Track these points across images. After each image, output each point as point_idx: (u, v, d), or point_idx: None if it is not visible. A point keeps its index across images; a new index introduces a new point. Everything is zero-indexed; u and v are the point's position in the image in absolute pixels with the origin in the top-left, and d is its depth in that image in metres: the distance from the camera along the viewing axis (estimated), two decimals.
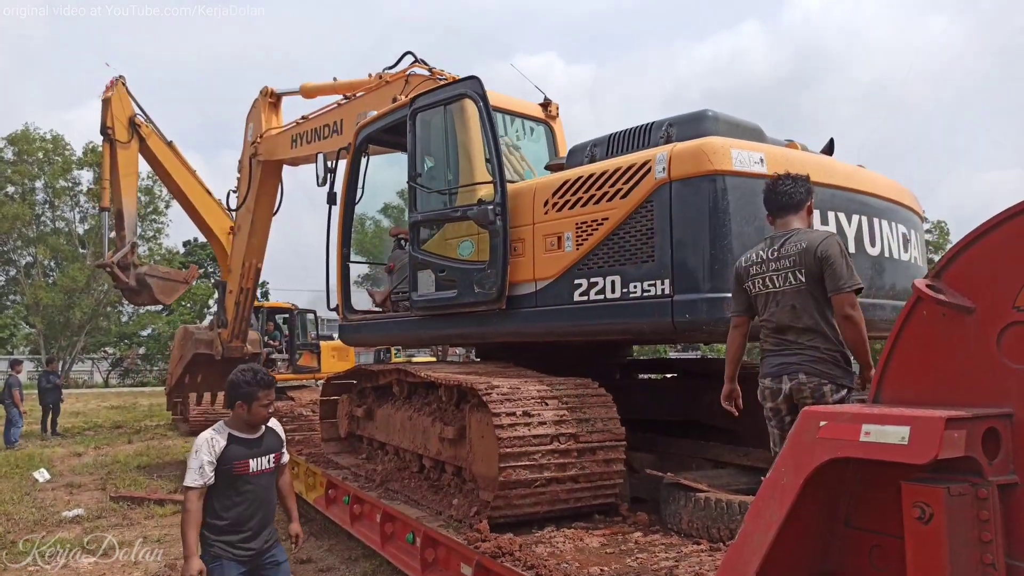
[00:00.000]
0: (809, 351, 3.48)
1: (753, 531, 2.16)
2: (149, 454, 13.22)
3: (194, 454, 3.55)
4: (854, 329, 3.37)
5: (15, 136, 40.27)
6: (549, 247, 4.94)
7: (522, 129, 6.27)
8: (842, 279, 3.36)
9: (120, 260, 14.40)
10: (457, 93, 5.57)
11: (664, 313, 4.25)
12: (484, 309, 5.32)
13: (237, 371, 3.72)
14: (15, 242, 41.64)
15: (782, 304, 3.52)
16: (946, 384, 2.02)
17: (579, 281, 4.72)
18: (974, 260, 2.01)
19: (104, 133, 15.35)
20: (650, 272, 4.35)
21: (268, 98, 9.36)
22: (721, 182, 4.11)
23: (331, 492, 6.55)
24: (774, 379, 3.59)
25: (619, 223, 4.50)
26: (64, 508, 8.67)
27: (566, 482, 4.34)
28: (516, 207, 5.20)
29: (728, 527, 3.91)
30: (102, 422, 19.76)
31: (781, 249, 3.55)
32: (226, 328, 10.75)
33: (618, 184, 4.54)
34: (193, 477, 3.53)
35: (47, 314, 40.06)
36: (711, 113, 4.67)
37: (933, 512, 1.82)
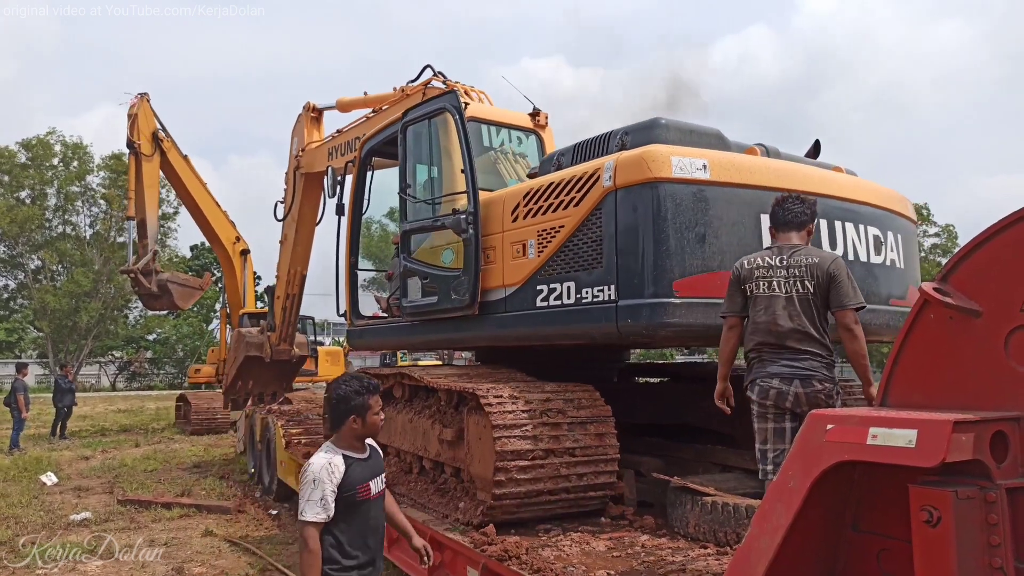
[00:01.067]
0: (817, 358, 3.60)
1: (760, 534, 2.16)
2: (156, 458, 13.26)
3: (311, 484, 3.01)
4: (855, 343, 3.54)
5: (29, 142, 40.60)
6: (516, 254, 5.04)
7: (509, 139, 6.40)
8: (848, 296, 3.55)
9: (143, 267, 15.50)
10: (438, 107, 5.76)
11: (610, 318, 4.32)
12: (460, 315, 5.45)
13: (339, 384, 3.25)
14: (23, 246, 41.88)
15: (787, 309, 3.62)
16: (953, 387, 2.02)
17: (541, 287, 4.82)
18: (981, 263, 2.01)
19: (130, 146, 16.48)
20: (599, 278, 4.43)
21: (310, 113, 9.65)
22: (661, 189, 4.17)
23: None
24: (783, 380, 3.64)
25: (573, 231, 4.60)
26: (72, 512, 8.70)
27: (560, 484, 4.39)
28: (488, 216, 5.32)
29: (735, 531, 3.90)
30: (109, 426, 19.84)
31: (790, 259, 3.67)
32: (274, 332, 11.13)
33: (572, 193, 4.63)
34: (315, 511, 2.99)
35: (54, 318, 40.27)
36: (663, 121, 4.72)
37: (941, 515, 1.81)
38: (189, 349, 43.96)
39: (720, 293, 4.04)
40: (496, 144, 6.29)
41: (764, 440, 3.74)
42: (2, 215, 39.13)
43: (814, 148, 5.70)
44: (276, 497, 9.15)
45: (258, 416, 10.52)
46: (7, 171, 40.40)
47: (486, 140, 6.15)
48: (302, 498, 3.02)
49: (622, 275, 4.29)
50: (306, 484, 3.03)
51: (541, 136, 6.64)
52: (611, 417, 4.64)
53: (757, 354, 3.76)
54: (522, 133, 6.53)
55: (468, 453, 4.73)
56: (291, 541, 7.40)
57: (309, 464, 3.07)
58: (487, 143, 6.16)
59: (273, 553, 6.90)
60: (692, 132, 4.77)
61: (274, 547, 7.16)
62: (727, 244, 4.29)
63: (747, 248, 4.26)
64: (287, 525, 8.15)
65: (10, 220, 39.10)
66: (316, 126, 9.72)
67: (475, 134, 6.00)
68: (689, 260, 4.19)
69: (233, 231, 18.66)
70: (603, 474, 4.52)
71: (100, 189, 42.34)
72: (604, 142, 4.98)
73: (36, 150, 40.64)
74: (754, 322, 3.75)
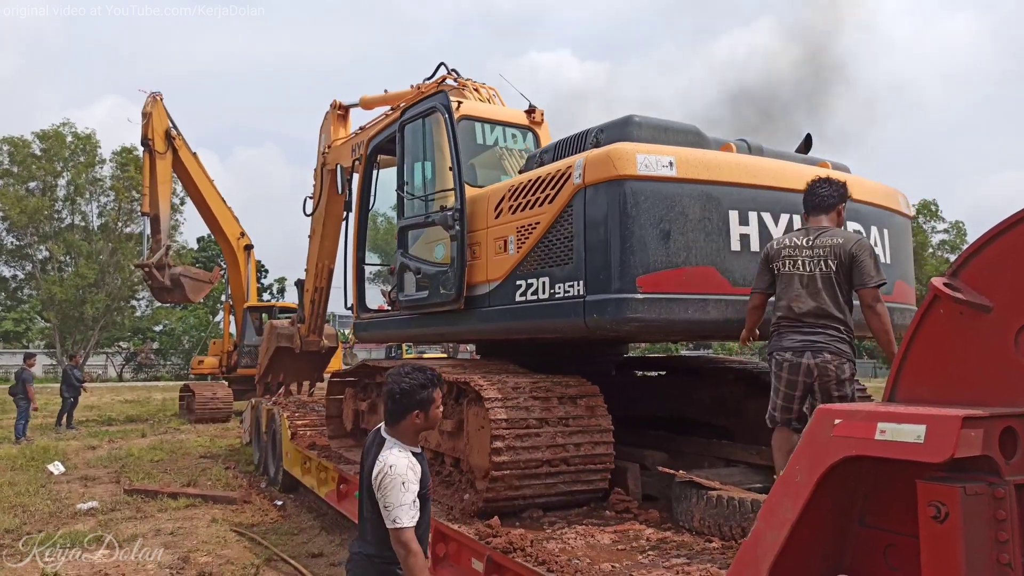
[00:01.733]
0: (832, 332, 3.82)
1: (766, 529, 2.15)
2: (163, 448, 13.32)
3: (401, 487, 2.81)
4: (879, 319, 3.75)
5: (45, 133, 40.74)
6: (498, 250, 5.12)
7: (504, 136, 6.46)
8: (870, 275, 3.77)
9: (157, 261, 16.33)
10: (430, 106, 5.88)
11: (578, 313, 4.40)
12: (448, 309, 5.56)
13: (400, 377, 3.03)
14: (31, 237, 42.05)
15: (809, 287, 3.86)
16: (963, 383, 2.01)
17: (520, 282, 4.90)
18: (992, 259, 1.99)
19: (145, 144, 17.17)
20: (569, 274, 4.51)
21: (337, 110, 9.84)
22: (626, 186, 4.23)
23: (343, 487, 6.58)
24: (795, 353, 3.88)
25: (548, 227, 4.66)
26: (79, 501, 8.75)
27: (555, 474, 4.49)
28: (474, 212, 5.41)
29: (740, 525, 3.90)
30: (116, 416, 19.93)
31: (816, 240, 3.90)
32: (304, 324, 11.53)
33: (547, 190, 4.70)
34: (411, 514, 2.81)
35: (61, 309, 40.45)
36: (637, 118, 4.77)
37: (949, 511, 1.80)
38: (195, 340, 44.12)
39: (684, 289, 4.25)
40: (491, 141, 6.35)
41: (776, 391, 4.04)
42: (12, 205, 39.31)
43: (805, 143, 5.75)
44: (281, 488, 9.18)
45: (263, 407, 10.56)
46: (20, 161, 40.55)
47: (480, 138, 6.23)
48: (392, 503, 2.79)
49: (590, 271, 4.36)
50: (394, 488, 2.80)
51: (537, 133, 6.69)
52: (604, 403, 4.73)
53: (777, 328, 4.01)
54: (518, 130, 6.59)
55: (467, 444, 4.82)
56: (296, 531, 7.44)
57: (391, 466, 2.83)
58: (481, 141, 6.23)
59: (278, 543, 6.93)
60: (667, 129, 4.82)
61: (279, 537, 7.20)
62: (693, 240, 4.34)
63: (714, 244, 4.36)
64: (292, 515, 8.19)
65: (19, 211, 39.27)
66: (343, 123, 9.89)
67: (469, 132, 6.08)
68: (653, 256, 4.25)
69: (238, 227, 19.29)
70: (601, 457, 4.59)
71: (108, 180, 42.49)
72: (581, 139, 5.04)
73: (51, 141, 40.81)
74: (778, 298, 3.99)
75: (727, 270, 4.41)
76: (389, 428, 3.01)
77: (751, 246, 4.47)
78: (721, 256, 4.40)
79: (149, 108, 16.85)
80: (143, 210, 17.14)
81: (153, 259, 16.46)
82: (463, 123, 5.90)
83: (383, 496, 2.81)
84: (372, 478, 2.87)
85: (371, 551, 2.95)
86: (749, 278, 4.38)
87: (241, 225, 19.47)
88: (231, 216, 19.22)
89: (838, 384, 3.85)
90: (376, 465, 2.87)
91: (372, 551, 2.94)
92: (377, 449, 2.96)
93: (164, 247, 16.68)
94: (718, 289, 4.38)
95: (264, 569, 6.21)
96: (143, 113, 16.98)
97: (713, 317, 4.36)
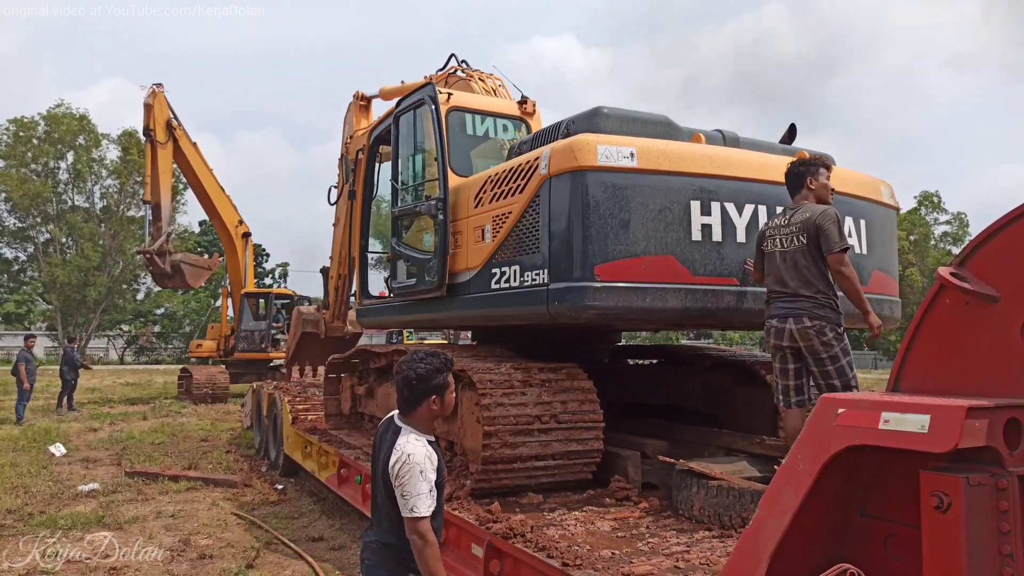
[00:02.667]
0: (809, 299, 4.15)
1: (768, 517, 2.15)
2: (164, 431, 13.36)
3: (419, 476, 2.75)
4: (847, 281, 4.11)
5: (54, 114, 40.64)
6: (476, 239, 5.23)
7: (495, 128, 6.53)
8: (833, 242, 4.08)
9: (158, 248, 17.07)
10: (419, 98, 6.02)
11: (542, 300, 4.51)
12: (433, 296, 5.68)
13: (414, 363, 2.94)
14: (34, 219, 42.04)
15: (787, 261, 4.21)
16: (968, 373, 2.00)
17: (495, 271, 4.99)
18: (999, 249, 1.98)
19: (147, 134, 17.89)
20: (535, 262, 4.61)
21: (359, 101, 9.97)
22: (587, 177, 4.33)
23: (343, 471, 6.59)
24: (780, 320, 4.25)
25: (519, 217, 4.75)
26: (80, 482, 8.78)
27: (545, 458, 4.63)
28: (457, 202, 5.52)
29: (740, 515, 3.90)
30: (117, 398, 20.00)
31: (791, 218, 4.27)
32: (329, 310, 11.71)
33: (519, 180, 4.78)
34: (428, 503, 2.75)
35: (63, 291, 40.50)
36: (605, 110, 4.87)
37: (951, 502, 1.80)
38: (196, 324, 44.21)
39: (642, 278, 4.36)
40: (481, 132, 6.42)
41: (776, 375, 4.41)
42: (15, 187, 39.29)
43: (789, 133, 5.83)
44: (282, 472, 9.21)
45: (265, 391, 10.58)
46: (25, 142, 40.49)
47: (471, 129, 6.30)
48: (410, 492, 2.73)
49: (553, 259, 4.47)
50: (412, 477, 2.74)
51: (529, 124, 6.74)
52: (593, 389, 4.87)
53: (767, 302, 4.37)
54: (509, 121, 6.66)
55: (461, 427, 4.94)
56: (296, 515, 7.46)
57: (408, 454, 2.77)
58: (472, 132, 6.30)
59: (278, 527, 6.96)
60: (635, 120, 4.90)
61: (279, 521, 7.22)
62: (652, 230, 4.41)
63: (674, 234, 4.45)
64: (292, 499, 8.22)
65: (22, 193, 39.26)
66: (365, 114, 10.01)
67: (459, 123, 6.16)
68: (612, 246, 4.34)
69: (236, 215, 20.10)
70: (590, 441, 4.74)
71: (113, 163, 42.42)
72: (554, 130, 5.13)
73: (55, 123, 40.75)
74: (766, 275, 4.36)
75: (688, 260, 4.49)
76: (404, 416, 2.95)
77: (712, 236, 4.55)
78: (682, 246, 4.47)
79: (150, 100, 17.48)
80: (145, 198, 17.87)
81: (154, 246, 17.04)
82: (453, 114, 6.00)
83: (401, 485, 2.76)
84: (389, 467, 2.80)
85: (389, 539, 2.89)
86: (711, 267, 4.53)
87: (239, 213, 20.10)
88: (229, 204, 19.83)
89: (824, 345, 4.12)
90: (393, 454, 2.80)
91: (390, 539, 2.89)
92: (392, 438, 2.89)
93: (165, 234, 17.21)
94: (678, 278, 4.45)
95: (264, 552, 6.24)
96: (145, 105, 17.61)
97: (673, 306, 4.44)
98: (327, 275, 11.65)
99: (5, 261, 44.76)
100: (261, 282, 58.26)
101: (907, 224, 47.99)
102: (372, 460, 3.06)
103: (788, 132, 5.84)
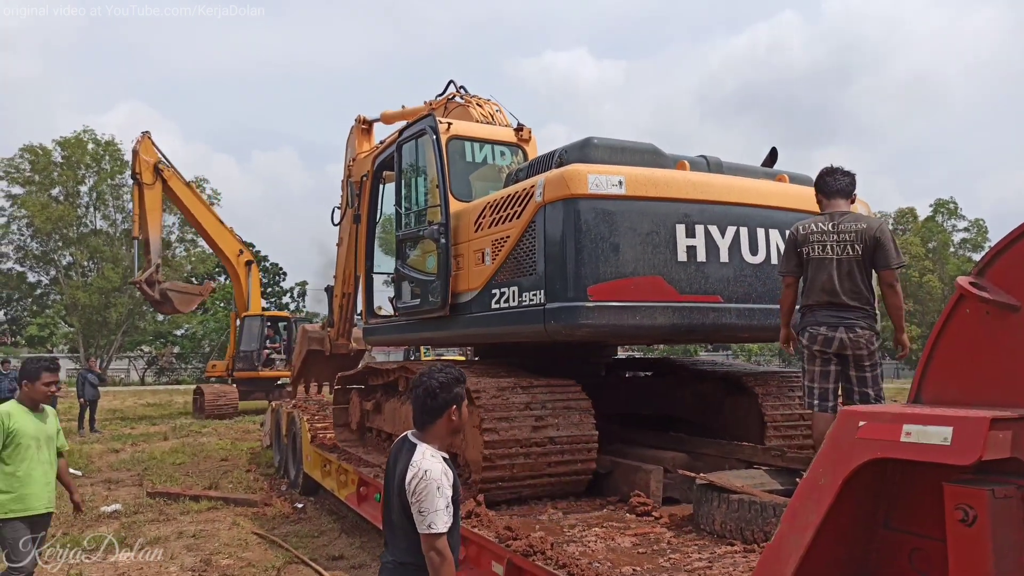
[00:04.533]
0: (860, 311, 4.18)
1: (790, 532, 2.13)
2: (184, 451, 13.44)
3: (436, 492, 2.73)
4: (896, 297, 4.19)
5: (67, 140, 41.28)
6: (477, 261, 5.51)
7: (492, 154, 6.80)
8: (891, 257, 4.14)
9: (147, 278, 18.45)
10: (420, 128, 6.36)
11: (539, 320, 4.78)
12: (436, 315, 5.93)
13: (432, 376, 2.94)
14: (56, 243, 42.58)
15: (843, 269, 4.18)
16: (990, 383, 1.98)
17: (495, 291, 5.27)
18: (1019, 257, 1.96)
19: (134, 177, 19.29)
20: (533, 284, 4.88)
21: (361, 125, 10.26)
22: (579, 204, 4.61)
23: (363, 489, 6.60)
24: (829, 328, 4.22)
25: (516, 241, 5.03)
26: (103, 503, 8.84)
27: (543, 468, 4.88)
28: (458, 226, 5.80)
29: (762, 529, 3.86)
30: (138, 419, 20.16)
31: (840, 225, 4.23)
32: (334, 328, 12.03)
33: (516, 206, 5.08)
34: (445, 520, 2.74)
35: (85, 313, 40.93)
36: (596, 140, 5.13)
37: (977, 514, 1.77)
38: (215, 344, 44.50)
39: (631, 297, 4.62)
40: (479, 159, 6.71)
41: (812, 379, 4.35)
42: (37, 213, 39.86)
43: (770, 157, 6.12)
44: (301, 490, 9.23)
45: (284, 410, 10.62)
46: (42, 169, 41.08)
47: (469, 156, 6.59)
48: (427, 508, 2.72)
49: (548, 281, 4.74)
50: (429, 493, 2.72)
51: (525, 150, 7.00)
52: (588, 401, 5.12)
53: (810, 308, 4.31)
54: (506, 148, 6.91)
55: (463, 440, 5.09)
56: (316, 534, 7.47)
57: (425, 471, 2.75)
58: (471, 158, 6.60)
59: (299, 546, 6.96)
60: (624, 149, 5.18)
61: (300, 540, 7.23)
62: (641, 253, 4.71)
63: (661, 256, 4.75)
64: (312, 518, 8.23)
65: (44, 218, 39.82)
66: (367, 137, 10.28)
67: (459, 150, 6.47)
68: (603, 268, 4.61)
69: (236, 245, 21.65)
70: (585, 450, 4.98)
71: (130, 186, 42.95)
72: (548, 159, 5.39)
73: (73, 148, 41.34)
74: (810, 281, 4.29)
75: (674, 279, 4.77)
76: (419, 433, 2.93)
77: (697, 257, 4.85)
78: (668, 267, 4.76)
79: (138, 146, 19.02)
80: (134, 234, 19.24)
81: (143, 276, 18.45)
82: (453, 142, 6.31)
83: (418, 502, 2.74)
84: (406, 483, 2.78)
85: (405, 559, 2.86)
86: (696, 286, 4.81)
87: (241, 242, 21.70)
88: (229, 236, 21.34)
89: (869, 355, 4.22)
90: (409, 470, 2.78)
91: (407, 559, 2.85)
92: (408, 455, 2.86)
93: (154, 266, 18.66)
94: (666, 297, 4.74)
95: (285, 572, 6.24)
96: (133, 151, 19.15)
97: (661, 323, 4.74)
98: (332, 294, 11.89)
99: (29, 285, 45.33)
100: (279, 301, 58.76)
101: (924, 232, 47.52)
102: (386, 479, 3.03)
103: (769, 156, 6.12)
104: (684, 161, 5.27)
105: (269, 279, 59.38)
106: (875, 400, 4.24)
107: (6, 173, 41.16)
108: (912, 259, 44.34)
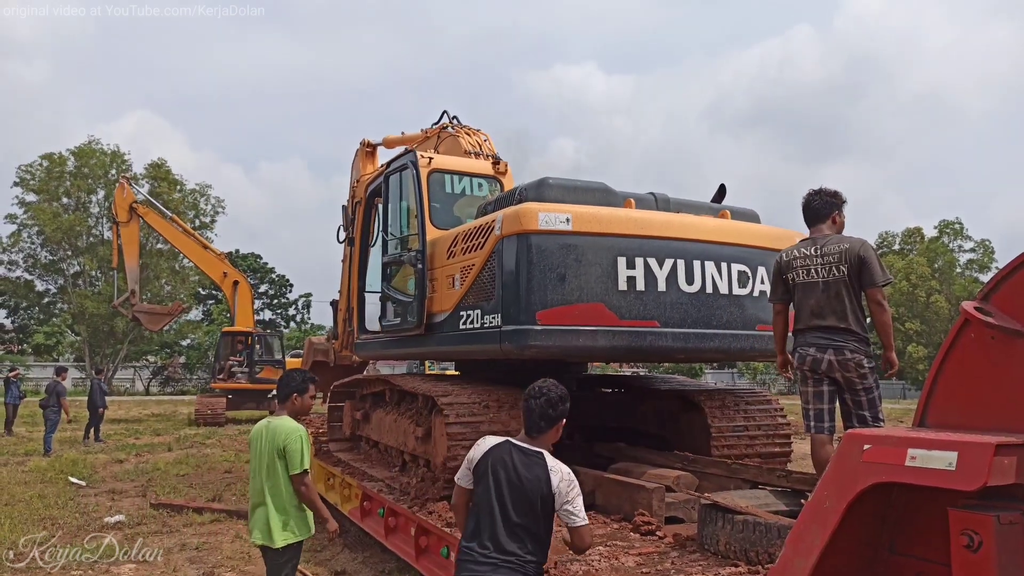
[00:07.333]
0: (848, 332, 4.19)
1: (794, 555, 2.13)
2: (188, 462, 13.43)
3: (579, 488, 3.11)
4: (884, 314, 4.21)
5: (82, 149, 41.67)
6: (448, 286, 5.97)
7: (471, 186, 7.26)
8: (877, 276, 4.16)
9: (121, 302, 22.56)
10: (403, 163, 6.96)
11: (495, 340, 5.23)
12: (413, 333, 6.44)
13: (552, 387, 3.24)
14: (65, 252, 42.81)
15: (830, 291, 4.22)
16: (995, 409, 1.98)
17: (462, 313, 5.72)
18: None
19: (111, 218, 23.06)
20: (492, 308, 5.33)
21: (365, 148, 10.55)
22: (530, 239, 5.09)
23: (366, 504, 6.59)
24: (818, 349, 4.26)
25: (480, 269, 5.49)
26: (106, 514, 8.84)
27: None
28: (434, 253, 6.30)
29: (767, 550, 3.84)
30: (143, 430, 20.16)
31: (823, 248, 4.30)
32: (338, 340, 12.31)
33: (480, 238, 5.56)
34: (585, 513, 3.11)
35: (92, 323, 41.07)
36: (551, 180, 5.64)
37: (982, 540, 1.78)
38: None
39: (576, 322, 5.07)
40: (458, 190, 7.17)
41: (806, 401, 4.37)
42: (47, 222, 40.13)
43: (719, 193, 6.55)
44: None
45: None
46: (56, 177, 41.45)
47: (449, 187, 7.08)
48: (579, 505, 3.04)
49: (504, 306, 5.19)
50: (577, 491, 3.05)
51: (502, 182, 7.40)
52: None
53: (800, 332, 4.38)
54: (484, 180, 7.37)
55: (434, 447, 5.66)
56: (319, 548, 7.45)
57: (568, 472, 3.08)
58: (450, 190, 7.10)
59: (301, 560, 6.93)
60: (576, 188, 5.67)
61: (302, 554, 7.19)
62: (584, 282, 5.16)
63: (603, 285, 5.18)
64: (315, 532, 8.19)
65: (55, 227, 40.09)
66: (371, 159, 10.55)
67: (439, 183, 6.99)
68: (551, 295, 5.07)
69: (220, 267, 23.73)
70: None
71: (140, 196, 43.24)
72: (511, 195, 5.86)
73: (86, 158, 41.74)
74: (799, 305, 4.38)
75: (615, 306, 5.20)
76: (532, 439, 3.16)
77: (636, 286, 5.29)
78: (609, 295, 5.19)
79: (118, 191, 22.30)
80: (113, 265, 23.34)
81: (119, 301, 22.52)
82: (434, 175, 6.83)
83: (571, 500, 3.01)
84: (553, 488, 3.00)
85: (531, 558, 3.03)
86: (635, 312, 5.24)
87: (227, 264, 23.98)
88: (212, 259, 23.54)
89: (860, 378, 4.20)
90: (553, 476, 3.02)
91: (535, 558, 3.04)
92: (527, 459, 3.08)
93: (129, 291, 22.04)
94: (607, 322, 5.17)
95: None
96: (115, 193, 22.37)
97: (602, 344, 5.18)
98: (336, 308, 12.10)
99: (37, 294, 45.54)
100: (285, 313, 58.76)
101: (929, 252, 47.45)
102: (496, 482, 3.09)
103: (718, 192, 6.54)
104: (631, 199, 5.75)
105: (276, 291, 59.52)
106: (872, 423, 4.22)
107: (21, 180, 41.57)
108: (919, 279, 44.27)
